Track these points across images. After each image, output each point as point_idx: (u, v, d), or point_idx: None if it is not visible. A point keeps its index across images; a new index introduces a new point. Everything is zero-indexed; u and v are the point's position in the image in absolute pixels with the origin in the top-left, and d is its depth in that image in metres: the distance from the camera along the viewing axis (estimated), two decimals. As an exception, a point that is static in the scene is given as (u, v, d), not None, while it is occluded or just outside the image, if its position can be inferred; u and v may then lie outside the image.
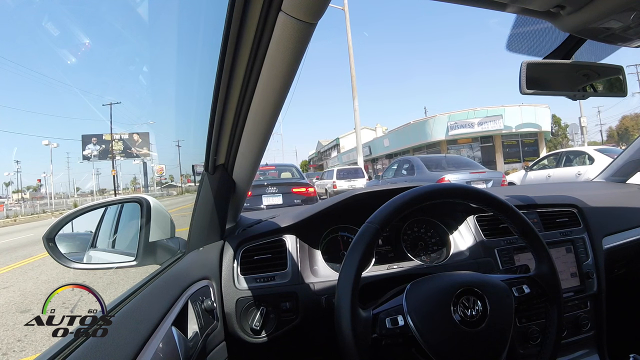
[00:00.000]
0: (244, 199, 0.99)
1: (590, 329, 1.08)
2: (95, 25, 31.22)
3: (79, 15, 28.47)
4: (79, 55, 30.71)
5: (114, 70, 55.55)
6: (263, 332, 0.86)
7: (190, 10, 0.80)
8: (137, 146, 34.62)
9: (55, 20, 22.34)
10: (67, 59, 23.91)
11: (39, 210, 24.89)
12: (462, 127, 18.88)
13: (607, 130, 20.59)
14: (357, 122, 15.43)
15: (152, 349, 0.50)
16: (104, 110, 28.97)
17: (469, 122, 18.70)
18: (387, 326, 0.58)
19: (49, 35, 15.10)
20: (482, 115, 18.60)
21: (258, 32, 0.46)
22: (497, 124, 18.17)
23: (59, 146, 41.38)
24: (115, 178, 28.95)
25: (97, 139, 33.65)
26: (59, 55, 35.53)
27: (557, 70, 0.78)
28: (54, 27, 12.90)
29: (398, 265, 0.99)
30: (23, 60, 77.23)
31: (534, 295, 0.67)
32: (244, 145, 0.72)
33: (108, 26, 42.38)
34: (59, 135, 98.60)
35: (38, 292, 3.58)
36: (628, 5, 0.55)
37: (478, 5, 0.58)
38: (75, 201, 27.46)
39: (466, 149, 19.58)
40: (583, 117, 16.93)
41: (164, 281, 0.72)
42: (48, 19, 23.99)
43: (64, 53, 29.85)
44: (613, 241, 1.15)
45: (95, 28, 29.32)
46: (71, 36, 26.36)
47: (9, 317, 2.91)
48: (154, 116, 34.77)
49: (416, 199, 0.65)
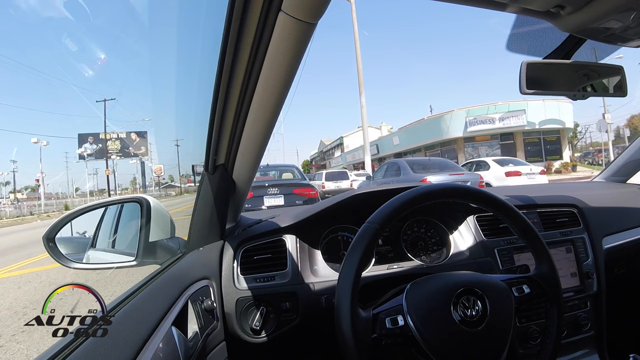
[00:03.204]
0: (244, 199, 0.99)
1: (590, 329, 1.08)
2: (95, 24, 31.19)
3: (79, 13, 28.45)
4: (78, 55, 30.60)
5: (114, 69, 55.61)
6: (263, 332, 0.86)
7: (191, 10, 0.80)
8: (135, 145, 33.83)
9: (54, 19, 22.25)
10: (67, 57, 23.80)
11: (25, 212, 22.81)
12: (481, 123, 17.11)
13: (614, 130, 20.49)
14: (364, 119, 14.37)
15: (152, 349, 0.50)
16: (101, 107, 28.29)
17: (490, 118, 16.97)
18: (387, 326, 0.58)
19: (49, 33, 14.96)
20: (503, 110, 16.82)
21: (258, 32, 0.46)
22: (520, 119, 16.45)
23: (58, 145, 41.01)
24: (109, 178, 27.70)
25: (94, 138, 32.64)
26: (58, 54, 35.50)
27: (557, 70, 0.78)
28: (53, 25, 12.90)
29: (398, 265, 0.99)
30: (22, 58, 77.13)
31: (534, 295, 0.67)
32: (244, 145, 0.72)
33: (108, 26, 42.39)
34: (59, 134, 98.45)
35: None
36: (628, 5, 0.55)
37: (478, 5, 0.58)
38: (67, 203, 26.14)
39: (485, 147, 18.00)
40: (607, 113, 15.96)
41: (164, 281, 0.72)
42: (48, 18, 23.91)
43: (63, 52, 29.64)
44: (613, 241, 1.15)
45: (95, 27, 29.25)
46: (71, 35, 26.34)
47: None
48: (154, 116, 34.48)
49: (416, 199, 0.65)
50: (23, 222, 17.20)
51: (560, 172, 16.23)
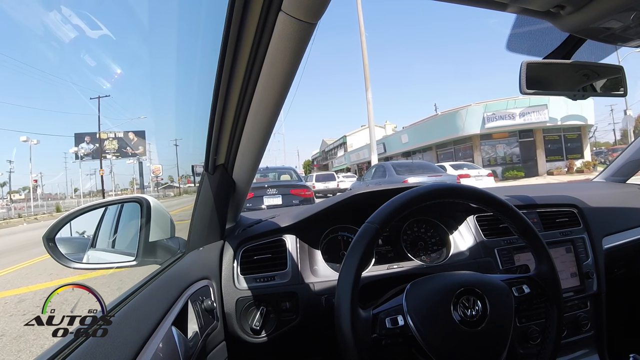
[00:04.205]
0: (244, 199, 0.98)
1: (590, 329, 1.08)
2: (95, 23, 31.08)
3: (82, 10, 28.34)
4: (77, 53, 30.29)
5: (114, 69, 55.45)
6: (263, 332, 0.86)
7: (191, 10, 0.80)
8: (133, 145, 32.98)
9: (56, 18, 22.19)
10: (66, 56, 23.61)
11: (13, 214, 21.61)
12: (500, 119, 15.78)
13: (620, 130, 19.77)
14: (370, 115, 13.18)
15: (152, 348, 0.50)
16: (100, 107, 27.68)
17: (509, 113, 15.59)
18: (387, 326, 0.58)
19: (47, 31, 14.86)
20: (524, 105, 15.44)
21: (258, 32, 0.46)
22: (542, 115, 15.19)
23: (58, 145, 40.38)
24: (103, 178, 27.08)
25: (90, 137, 31.55)
26: (58, 53, 35.40)
27: (557, 70, 0.78)
28: (54, 23, 12.86)
29: (398, 265, 0.99)
30: (21, 56, 76.96)
31: (534, 295, 0.67)
32: (244, 145, 0.72)
33: (107, 25, 42.38)
34: (60, 134, 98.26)
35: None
36: (628, 5, 0.55)
37: (478, 5, 0.58)
38: (59, 205, 25.26)
39: (502, 145, 16.75)
40: (629, 109, 15.27)
41: (164, 281, 0.72)
42: (48, 16, 23.81)
43: (63, 51, 29.37)
44: (613, 241, 1.15)
45: (94, 26, 29.13)
46: (71, 32, 26.18)
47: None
48: (153, 116, 34.07)
49: (416, 199, 0.65)
50: (8, 225, 16.20)
51: (583, 171, 15.13)
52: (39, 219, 18.74)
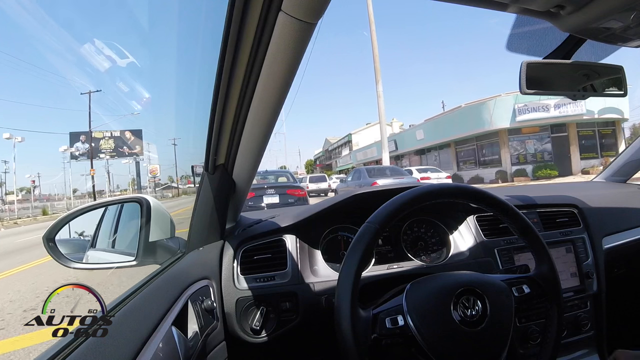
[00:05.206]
0: (244, 199, 0.99)
1: (590, 329, 1.08)
2: (95, 23, 31.00)
3: (80, 11, 28.28)
4: (77, 53, 30.24)
5: (113, 68, 55.48)
6: (263, 332, 0.86)
7: (191, 10, 0.80)
8: (130, 144, 31.51)
9: (55, 16, 22.04)
10: (66, 55, 23.64)
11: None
12: (533, 111, 13.94)
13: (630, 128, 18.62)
14: (381, 110, 12.41)
15: (152, 348, 0.50)
16: (98, 107, 26.41)
17: (543, 105, 13.72)
18: (387, 326, 0.58)
19: (49, 32, 14.93)
20: (560, 95, 14.06)
21: (258, 32, 0.46)
22: (579, 107, 13.33)
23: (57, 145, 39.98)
24: (94, 178, 25.83)
25: (86, 136, 29.67)
26: (57, 51, 35.25)
27: (557, 70, 0.78)
28: (54, 22, 12.84)
29: (398, 265, 0.99)
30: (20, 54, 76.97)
31: (534, 295, 0.67)
32: (244, 145, 0.72)
33: (107, 25, 42.39)
34: (60, 133, 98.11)
35: None
36: (628, 5, 0.55)
37: (478, 5, 0.58)
38: (45, 207, 23.61)
39: (533, 141, 14.77)
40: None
41: (164, 281, 0.72)
42: (49, 15, 23.74)
43: (62, 50, 29.22)
44: (613, 241, 1.15)
45: (94, 26, 29.06)
46: (71, 32, 26.06)
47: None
48: (153, 116, 33.74)
49: (416, 199, 0.65)
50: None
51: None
52: (18, 223, 16.82)
